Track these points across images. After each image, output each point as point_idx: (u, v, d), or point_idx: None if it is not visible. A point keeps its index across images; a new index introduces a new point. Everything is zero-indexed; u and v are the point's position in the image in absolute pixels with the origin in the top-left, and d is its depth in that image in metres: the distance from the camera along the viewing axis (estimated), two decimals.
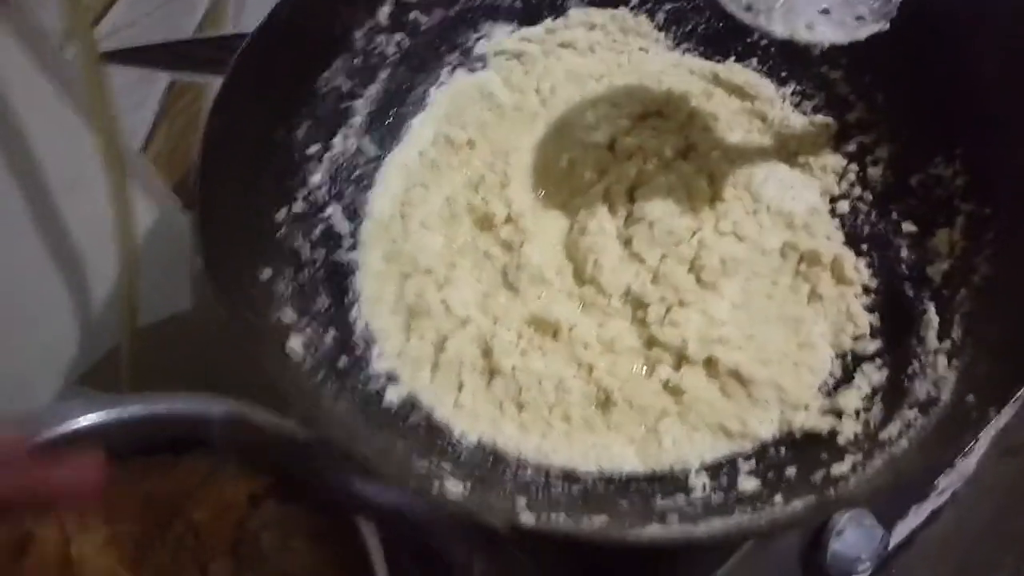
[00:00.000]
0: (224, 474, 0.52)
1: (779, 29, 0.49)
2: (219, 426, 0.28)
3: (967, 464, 0.64)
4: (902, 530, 0.60)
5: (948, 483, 0.63)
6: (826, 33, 0.49)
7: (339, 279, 0.55)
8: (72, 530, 0.50)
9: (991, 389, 0.41)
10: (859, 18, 0.49)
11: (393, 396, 0.51)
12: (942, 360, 0.46)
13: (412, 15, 0.60)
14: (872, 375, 0.49)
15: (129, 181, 0.54)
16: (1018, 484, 0.71)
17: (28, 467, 0.25)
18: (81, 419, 0.50)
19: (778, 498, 0.43)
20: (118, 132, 0.52)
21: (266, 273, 0.50)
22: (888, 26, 0.47)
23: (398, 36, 0.59)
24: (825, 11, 0.49)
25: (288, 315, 0.50)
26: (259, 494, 0.52)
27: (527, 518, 0.41)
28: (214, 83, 0.57)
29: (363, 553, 0.47)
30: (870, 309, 0.52)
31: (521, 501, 0.44)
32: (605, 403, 0.50)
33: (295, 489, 0.51)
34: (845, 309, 0.52)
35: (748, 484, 0.46)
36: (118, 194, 0.53)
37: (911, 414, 0.45)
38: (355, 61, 0.57)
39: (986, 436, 0.62)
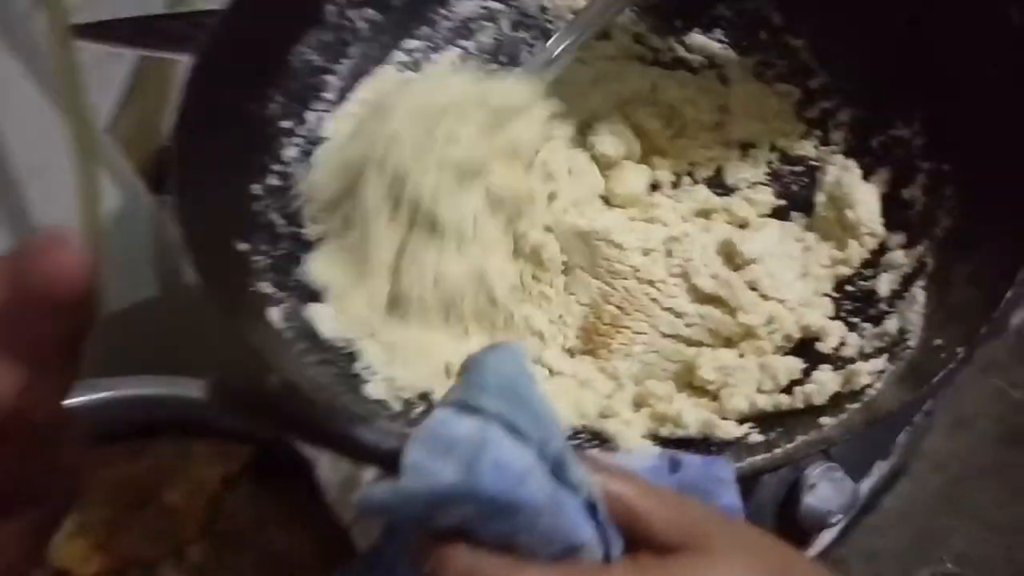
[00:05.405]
0: (195, 456, 0.51)
1: None
2: (206, 392, 0.27)
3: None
4: (865, 487, 0.62)
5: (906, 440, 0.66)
6: None
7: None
8: None
9: (956, 332, 0.43)
10: None
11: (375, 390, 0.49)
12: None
13: None
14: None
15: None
16: (969, 456, 0.73)
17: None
18: None
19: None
20: (89, 113, 0.51)
21: (242, 246, 0.50)
22: None
23: (369, 11, 0.59)
24: None
25: (266, 287, 0.50)
26: (232, 476, 0.51)
27: None
28: (182, 61, 0.56)
29: (342, 535, 0.47)
30: None
31: None
32: None
33: (269, 471, 0.51)
34: None
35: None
36: (86, 180, 0.51)
37: (881, 361, 0.46)
38: (326, 36, 0.57)
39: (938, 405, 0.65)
